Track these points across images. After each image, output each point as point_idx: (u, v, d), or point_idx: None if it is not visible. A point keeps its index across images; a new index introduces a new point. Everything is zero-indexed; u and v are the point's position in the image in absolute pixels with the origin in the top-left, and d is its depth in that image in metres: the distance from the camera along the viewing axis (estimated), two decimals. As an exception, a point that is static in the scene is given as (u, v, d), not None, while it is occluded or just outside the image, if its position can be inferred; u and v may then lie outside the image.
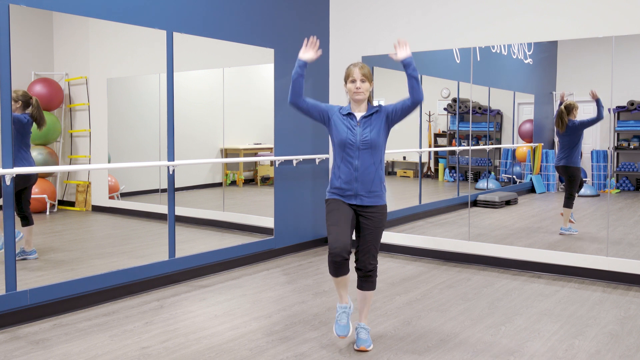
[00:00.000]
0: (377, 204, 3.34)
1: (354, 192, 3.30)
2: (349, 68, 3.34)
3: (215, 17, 5.12)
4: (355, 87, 3.29)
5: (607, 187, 5.89)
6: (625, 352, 3.36)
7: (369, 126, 3.29)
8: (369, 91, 3.34)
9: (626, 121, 5.86)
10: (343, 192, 3.33)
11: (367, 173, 3.28)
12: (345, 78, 3.36)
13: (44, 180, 5.46)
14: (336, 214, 3.30)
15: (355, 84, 3.29)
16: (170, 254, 4.84)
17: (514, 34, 5.34)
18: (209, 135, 6.27)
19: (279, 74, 5.79)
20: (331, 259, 3.25)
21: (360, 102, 3.32)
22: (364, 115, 3.32)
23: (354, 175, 3.29)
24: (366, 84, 3.30)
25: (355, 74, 3.29)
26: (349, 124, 3.31)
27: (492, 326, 3.80)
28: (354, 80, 3.29)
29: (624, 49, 5.03)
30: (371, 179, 3.29)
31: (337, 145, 3.33)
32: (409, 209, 6.78)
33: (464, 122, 6.69)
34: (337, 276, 3.32)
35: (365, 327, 3.43)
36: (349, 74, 3.33)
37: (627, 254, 5.03)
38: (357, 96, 3.29)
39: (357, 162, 3.28)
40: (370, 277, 3.39)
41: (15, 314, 3.79)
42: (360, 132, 3.28)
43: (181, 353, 3.34)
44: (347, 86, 3.34)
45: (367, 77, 3.29)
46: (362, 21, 6.17)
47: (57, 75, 5.42)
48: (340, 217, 3.29)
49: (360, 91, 3.28)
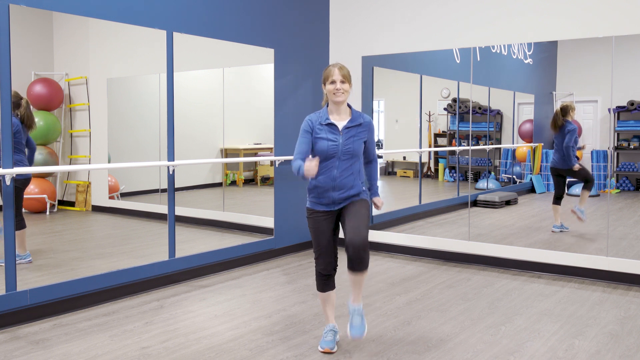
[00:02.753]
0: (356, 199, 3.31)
1: (331, 200, 3.28)
2: (328, 69, 3.27)
3: (215, 17, 5.12)
4: (335, 88, 3.22)
5: (607, 187, 5.90)
6: (625, 352, 3.36)
7: (352, 136, 3.25)
8: (349, 92, 3.28)
9: (626, 121, 5.86)
10: (319, 199, 3.31)
11: (345, 182, 3.26)
12: (324, 79, 3.28)
13: (44, 180, 5.46)
14: (317, 233, 3.33)
15: (335, 85, 3.22)
16: (170, 254, 4.84)
17: (514, 34, 5.34)
18: (209, 135, 6.27)
19: (279, 74, 5.79)
20: (318, 276, 3.39)
21: (340, 103, 3.26)
22: (346, 126, 3.26)
23: (331, 185, 3.25)
24: (346, 84, 3.23)
25: (335, 75, 3.22)
26: (331, 134, 3.24)
27: (492, 326, 3.80)
28: (333, 82, 3.22)
29: (624, 49, 5.03)
30: (350, 186, 3.27)
31: (317, 154, 3.26)
32: (409, 209, 6.78)
33: (464, 122, 6.69)
34: (323, 291, 3.40)
35: (358, 309, 3.30)
36: (328, 75, 3.24)
37: (627, 254, 5.03)
38: (337, 97, 3.22)
39: (336, 172, 3.24)
40: (362, 258, 3.14)
41: (15, 314, 3.79)
42: (342, 142, 3.23)
43: (181, 353, 3.34)
44: (326, 87, 3.27)
45: (346, 78, 3.24)
46: (362, 21, 6.17)
47: (57, 75, 5.41)
48: (321, 238, 3.32)
49: (340, 92, 3.22)
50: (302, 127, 3.31)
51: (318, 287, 3.42)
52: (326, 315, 3.47)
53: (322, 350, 3.35)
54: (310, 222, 3.37)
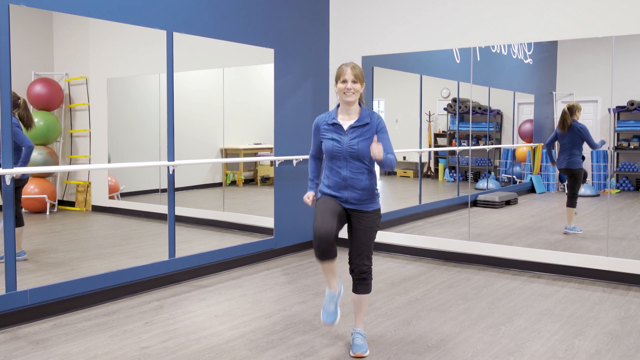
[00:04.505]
0: (369, 209, 3.28)
1: (344, 199, 3.25)
2: (341, 67, 3.23)
3: (215, 17, 5.12)
4: (345, 88, 3.18)
5: (607, 187, 5.90)
6: (625, 352, 3.36)
7: (357, 136, 3.19)
8: (360, 93, 3.23)
9: (626, 121, 5.86)
10: (333, 192, 3.28)
11: (357, 181, 3.22)
12: (336, 78, 3.26)
13: (44, 180, 5.46)
14: (323, 206, 3.20)
15: (346, 84, 3.18)
16: (170, 254, 4.84)
17: (514, 34, 5.34)
18: (209, 135, 6.27)
19: (279, 74, 5.79)
20: (316, 243, 3.10)
21: (350, 103, 3.22)
22: (352, 125, 3.22)
23: (343, 185, 3.23)
24: (357, 84, 3.19)
25: (346, 74, 3.18)
26: (335, 134, 3.23)
27: (492, 326, 3.80)
28: (345, 81, 3.19)
29: (624, 49, 5.04)
30: (362, 186, 3.22)
31: (325, 154, 3.29)
32: (409, 209, 6.78)
33: (464, 122, 6.69)
34: (323, 260, 3.15)
35: (361, 332, 3.38)
36: (340, 74, 3.22)
37: (627, 254, 5.03)
38: (348, 97, 3.19)
39: (345, 172, 3.21)
40: (364, 280, 3.31)
41: (15, 314, 3.79)
42: (347, 142, 3.20)
43: (181, 353, 3.34)
44: (337, 86, 3.24)
45: (358, 78, 3.19)
46: (362, 21, 6.17)
47: (57, 75, 5.41)
48: (327, 208, 3.17)
49: (350, 92, 3.18)
50: (312, 126, 3.41)
51: (318, 256, 3.14)
52: (328, 281, 3.31)
53: (324, 323, 3.32)
54: (320, 203, 3.23)
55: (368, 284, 3.33)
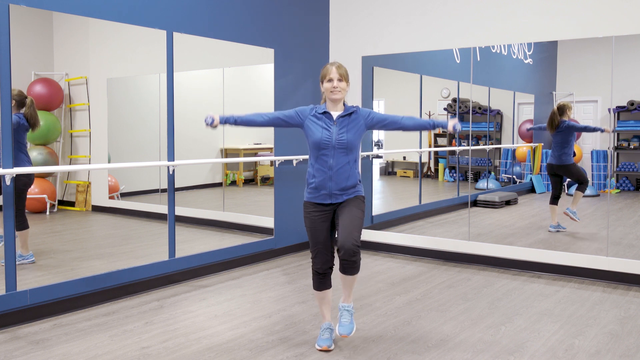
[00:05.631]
0: (352, 196, 3.34)
1: (329, 191, 3.30)
2: (326, 67, 3.34)
3: (215, 17, 5.12)
4: (332, 86, 3.28)
5: (607, 187, 5.90)
6: (625, 352, 3.36)
7: (345, 126, 3.30)
8: (346, 91, 3.34)
9: (626, 121, 5.86)
10: (318, 192, 3.32)
11: (341, 172, 3.28)
12: (321, 78, 3.35)
13: (44, 180, 5.46)
14: (313, 232, 3.34)
15: (332, 83, 3.29)
16: (170, 254, 4.84)
17: (514, 34, 5.34)
18: (209, 135, 6.26)
19: (279, 74, 5.79)
20: (315, 274, 3.39)
21: (337, 101, 3.32)
22: (340, 115, 3.32)
23: (328, 175, 3.28)
24: (343, 83, 3.30)
25: (332, 73, 3.29)
26: (325, 123, 3.31)
27: (492, 326, 3.80)
28: (330, 80, 3.29)
29: (624, 49, 5.04)
30: (346, 176, 3.29)
31: (312, 145, 3.32)
32: (409, 209, 6.78)
33: (464, 122, 6.69)
34: (320, 290, 3.41)
35: (348, 308, 3.41)
36: (325, 74, 3.32)
37: (627, 254, 5.03)
38: (334, 95, 3.29)
39: (332, 161, 3.27)
40: (353, 262, 3.24)
41: (15, 314, 3.79)
42: (336, 132, 3.28)
43: (181, 353, 3.34)
44: (323, 85, 3.34)
45: (343, 76, 3.30)
46: (362, 21, 6.17)
47: (57, 75, 5.41)
48: (318, 237, 3.33)
49: (337, 89, 3.28)
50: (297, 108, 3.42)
51: (314, 286, 3.44)
52: (322, 314, 3.50)
53: (319, 348, 3.37)
54: (306, 221, 3.38)
55: (356, 265, 3.28)
